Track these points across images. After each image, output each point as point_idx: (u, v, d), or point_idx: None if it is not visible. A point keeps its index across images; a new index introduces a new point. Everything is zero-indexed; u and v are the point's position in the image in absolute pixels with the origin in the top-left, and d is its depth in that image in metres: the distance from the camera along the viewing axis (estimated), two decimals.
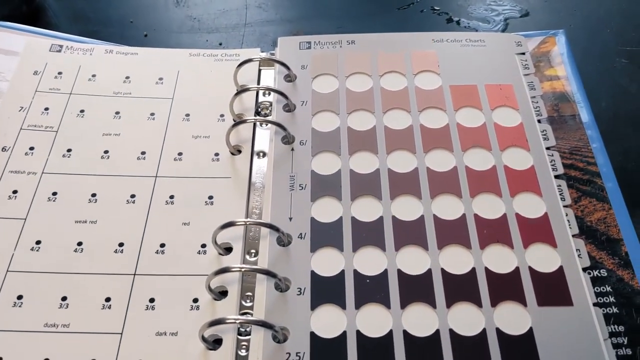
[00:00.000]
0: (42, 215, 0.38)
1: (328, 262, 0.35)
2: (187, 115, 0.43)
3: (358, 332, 0.33)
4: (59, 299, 0.34)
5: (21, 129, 0.42)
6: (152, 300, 0.34)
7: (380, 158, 0.40)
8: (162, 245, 0.36)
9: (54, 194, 0.39)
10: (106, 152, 0.41)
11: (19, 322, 0.33)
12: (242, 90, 0.41)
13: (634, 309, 0.34)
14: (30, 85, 0.44)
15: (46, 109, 0.43)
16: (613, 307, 0.34)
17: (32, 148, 0.41)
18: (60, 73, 0.45)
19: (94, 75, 0.45)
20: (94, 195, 0.39)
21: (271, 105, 0.43)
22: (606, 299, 0.34)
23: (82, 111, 0.43)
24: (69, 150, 0.41)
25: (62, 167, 0.40)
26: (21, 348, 0.32)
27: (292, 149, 0.40)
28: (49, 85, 0.44)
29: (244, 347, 0.33)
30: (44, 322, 0.33)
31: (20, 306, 0.34)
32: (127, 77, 0.45)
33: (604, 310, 0.34)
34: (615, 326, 0.33)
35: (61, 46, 0.46)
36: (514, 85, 0.44)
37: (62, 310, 0.34)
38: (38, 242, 0.36)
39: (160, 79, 0.45)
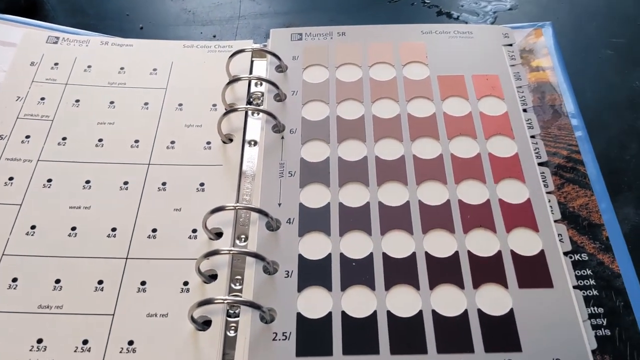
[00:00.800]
0: (37, 201, 0.38)
1: (315, 246, 0.36)
2: (180, 104, 0.44)
3: (343, 312, 0.33)
4: (53, 281, 0.35)
5: (17, 117, 0.43)
6: (143, 283, 0.35)
7: (368, 146, 0.41)
8: (154, 230, 0.37)
9: (49, 180, 0.40)
10: (100, 140, 0.42)
11: (14, 303, 0.34)
12: (233, 79, 0.42)
13: (613, 291, 0.35)
14: (27, 76, 0.45)
15: (42, 98, 0.44)
16: (593, 289, 0.35)
17: (28, 136, 0.42)
18: (56, 64, 0.46)
19: (89, 66, 0.46)
20: (87, 182, 0.39)
21: (263, 95, 0.44)
22: (586, 282, 0.35)
23: (77, 101, 0.44)
24: (64, 139, 0.42)
25: (57, 155, 0.41)
26: (16, 329, 0.33)
27: (282, 138, 0.41)
28: (46, 75, 0.45)
29: (232, 328, 0.34)
30: (38, 303, 0.34)
31: (15, 288, 0.35)
32: (122, 68, 0.46)
33: (584, 293, 0.35)
34: (595, 308, 0.34)
35: (58, 38, 0.47)
36: (500, 76, 0.44)
37: (55, 292, 0.35)
38: (33, 227, 0.37)
39: (155, 69, 0.46)
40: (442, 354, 0.32)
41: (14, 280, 0.35)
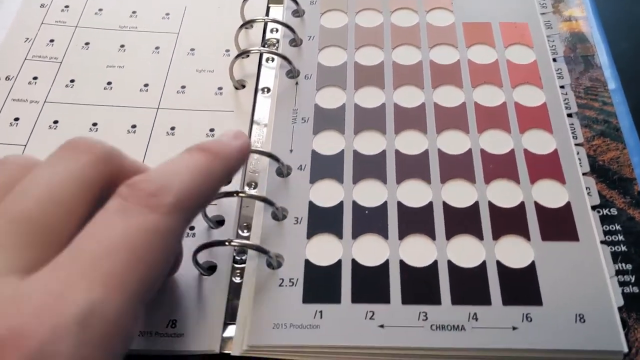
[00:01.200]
0: (42, 143, 0.37)
1: (327, 194, 0.34)
2: (192, 49, 0.42)
3: (354, 260, 0.32)
4: None
5: (25, 59, 0.42)
6: None
7: (387, 93, 0.39)
8: None
9: (55, 122, 0.38)
10: (109, 83, 0.40)
11: None
12: (247, 22, 0.40)
13: None
14: (37, 17, 0.44)
15: (51, 40, 0.43)
16: (622, 245, 0.33)
17: (35, 78, 0.41)
18: (67, 6, 0.45)
19: (100, 10, 0.45)
20: (94, 124, 0.38)
21: (278, 42, 0.42)
22: (615, 237, 0.33)
23: (87, 44, 0.43)
24: (72, 81, 0.40)
25: (64, 97, 0.40)
26: None
27: (297, 83, 0.39)
28: (55, 18, 0.44)
29: (238, 274, 0.33)
30: None
31: None
32: (134, 12, 0.44)
33: (611, 249, 0.32)
34: (623, 264, 0.32)
35: None
36: (530, 24, 0.42)
37: None
38: None
39: (167, 14, 0.44)
40: (457, 304, 0.30)
41: None
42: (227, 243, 0.30)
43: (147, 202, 0.23)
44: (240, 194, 0.32)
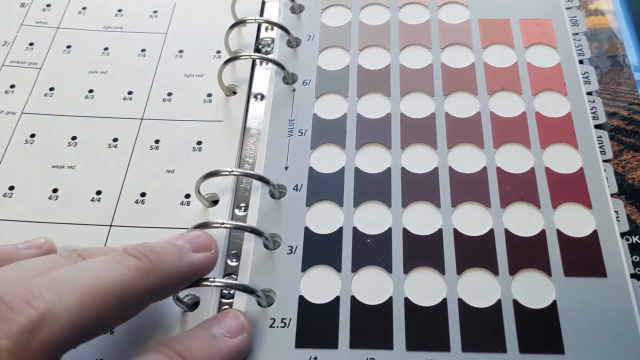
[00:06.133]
0: (18, 159, 0.34)
1: (325, 218, 0.31)
2: (181, 51, 0.39)
3: (353, 297, 0.29)
4: None
5: (3, 65, 0.38)
6: None
7: (393, 101, 0.35)
8: (143, 195, 0.33)
9: (32, 136, 0.35)
10: (91, 91, 0.37)
11: None
12: (237, 22, 0.37)
13: None
14: (16, 19, 0.41)
15: (31, 44, 0.39)
16: None
17: (12, 86, 0.37)
18: (48, 5, 0.41)
19: (84, 8, 0.41)
20: (74, 138, 0.35)
21: (273, 42, 0.39)
22: None
23: (68, 47, 0.39)
24: (51, 89, 0.37)
25: (42, 107, 0.36)
26: None
27: (294, 90, 0.36)
28: (36, 18, 0.41)
29: None
30: None
31: None
32: (120, 10, 0.41)
33: None
34: None
35: None
36: (554, 20, 0.38)
37: None
38: (11, 188, 0.33)
39: (155, 11, 0.41)
40: (468, 351, 0.27)
41: None
42: (211, 283, 0.27)
43: None
44: (226, 225, 0.29)
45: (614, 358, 0.26)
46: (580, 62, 0.36)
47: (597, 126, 0.33)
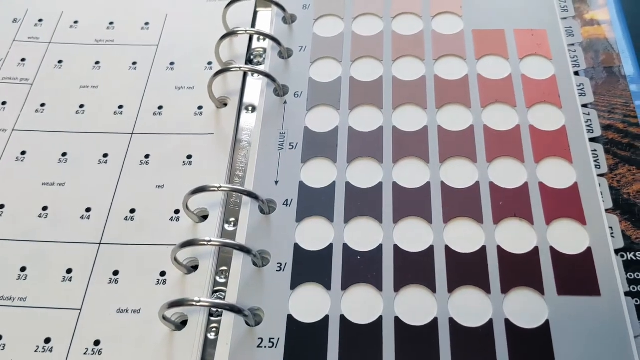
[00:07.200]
0: (8, 177, 0.34)
1: (315, 234, 0.31)
2: (172, 63, 0.38)
3: (342, 317, 0.28)
4: (18, 269, 0.31)
5: None
6: (116, 272, 0.31)
7: (385, 114, 0.34)
8: (132, 211, 0.32)
9: (23, 153, 0.35)
10: (82, 106, 0.37)
11: None
12: (228, 33, 0.36)
13: None
14: (9, 35, 0.41)
15: (23, 60, 0.39)
16: None
17: (4, 103, 0.37)
18: (40, 20, 0.41)
19: (76, 22, 0.41)
20: (64, 154, 0.35)
21: (265, 52, 0.38)
22: None
23: (60, 62, 0.39)
24: (42, 105, 0.37)
25: (34, 124, 0.36)
26: None
27: (285, 102, 0.36)
28: (28, 34, 0.41)
29: (214, 330, 0.29)
30: (0, 295, 0.30)
31: None
32: (111, 23, 0.41)
33: (636, 301, 0.28)
34: None
35: None
36: (549, 31, 0.37)
37: (20, 282, 0.31)
38: (1, 207, 0.33)
39: (147, 23, 0.41)
40: None
41: None
42: (196, 303, 0.27)
43: None
44: (213, 243, 0.29)
45: None
46: (576, 73, 0.35)
47: (592, 139, 0.33)
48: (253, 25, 0.40)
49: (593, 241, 0.29)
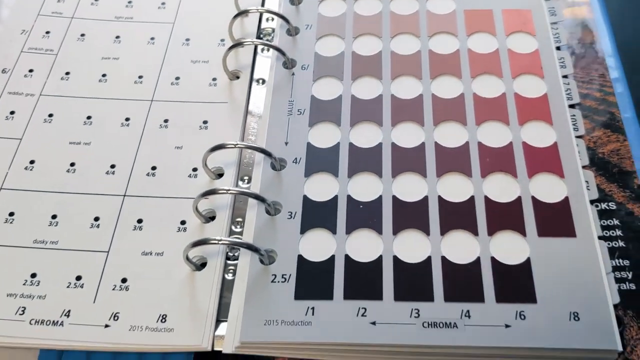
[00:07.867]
0: (38, 136, 0.37)
1: (321, 188, 0.34)
2: (187, 40, 0.42)
3: (347, 256, 0.31)
4: (49, 217, 0.34)
5: (22, 51, 0.41)
6: (139, 220, 0.34)
7: (384, 84, 0.38)
8: (154, 168, 0.36)
9: (50, 115, 0.38)
10: (104, 75, 0.40)
11: (10, 238, 0.33)
12: (240, 12, 0.40)
13: None
14: (33, 9, 0.44)
15: (47, 32, 0.42)
16: (619, 240, 0.32)
17: (31, 70, 0.40)
18: None
19: (96, 0, 0.44)
20: (89, 117, 0.38)
21: (273, 31, 0.42)
22: (612, 232, 0.32)
23: (82, 35, 0.42)
24: (67, 74, 0.40)
25: (59, 90, 0.39)
26: (10, 262, 0.32)
27: (293, 74, 0.39)
28: (52, 9, 0.44)
29: (231, 271, 0.32)
30: (34, 238, 0.33)
31: (11, 223, 0.34)
32: (130, 2, 0.44)
33: (609, 244, 0.32)
34: (620, 260, 0.31)
35: None
36: (533, 11, 0.41)
37: (51, 228, 0.34)
38: (32, 162, 0.36)
39: (163, 3, 0.44)
40: (450, 301, 0.29)
41: (11, 214, 0.34)
42: (217, 241, 0.30)
43: None
44: (231, 192, 0.32)
45: (580, 306, 0.29)
46: (558, 48, 0.39)
47: (571, 106, 0.37)
48: (262, 7, 0.43)
49: (570, 192, 0.33)
